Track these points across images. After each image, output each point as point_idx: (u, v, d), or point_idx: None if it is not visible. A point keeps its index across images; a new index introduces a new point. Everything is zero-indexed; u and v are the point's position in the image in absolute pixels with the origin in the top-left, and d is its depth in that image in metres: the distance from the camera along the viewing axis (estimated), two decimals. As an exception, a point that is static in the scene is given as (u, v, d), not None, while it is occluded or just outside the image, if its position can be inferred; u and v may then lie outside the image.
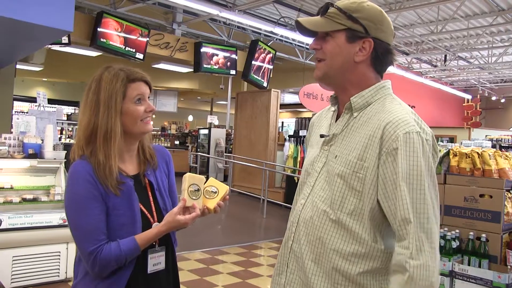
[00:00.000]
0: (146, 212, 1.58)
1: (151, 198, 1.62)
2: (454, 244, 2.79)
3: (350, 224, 1.28)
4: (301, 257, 1.35)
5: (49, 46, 8.42)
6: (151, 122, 1.63)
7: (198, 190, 1.54)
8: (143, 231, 1.52)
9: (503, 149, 4.18)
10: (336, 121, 1.40)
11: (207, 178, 1.60)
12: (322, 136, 1.41)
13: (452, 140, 13.65)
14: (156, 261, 1.58)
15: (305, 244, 1.34)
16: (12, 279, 3.92)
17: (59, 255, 4.17)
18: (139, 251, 1.50)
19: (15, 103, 10.95)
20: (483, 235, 2.71)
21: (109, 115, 1.50)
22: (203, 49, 10.49)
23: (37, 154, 4.33)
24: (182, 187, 1.54)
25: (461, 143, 7.53)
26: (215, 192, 1.57)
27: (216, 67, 10.80)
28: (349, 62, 1.33)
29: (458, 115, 17.44)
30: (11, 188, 4.25)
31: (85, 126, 1.53)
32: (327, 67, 1.35)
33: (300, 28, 1.36)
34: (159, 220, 1.57)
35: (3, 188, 4.21)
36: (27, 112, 6.11)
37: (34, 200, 4.21)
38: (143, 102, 1.58)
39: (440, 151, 3.18)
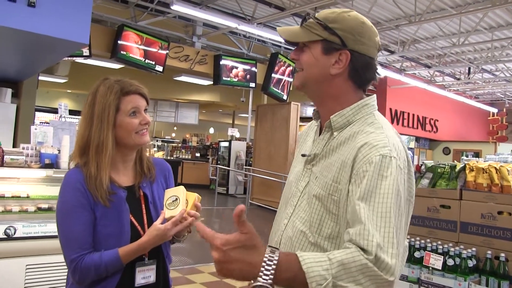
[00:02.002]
0: (137, 224, 1.57)
1: (144, 210, 1.61)
2: (471, 263, 2.67)
3: (328, 248, 1.21)
4: None
5: (72, 58, 8.61)
6: (147, 135, 1.62)
7: (177, 199, 1.54)
8: (130, 243, 1.50)
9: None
10: (319, 136, 1.35)
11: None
12: (303, 155, 1.35)
13: (477, 154, 13.35)
14: (145, 275, 1.56)
15: None
16: (25, 287, 3.94)
17: (72, 265, 4.18)
18: (121, 263, 1.48)
19: (40, 114, 11.24)
20: (502, 254, 2.59)
21: (102, 128, 1.52)
22: (222, 62, 10.56)
23: (53, 164, 4.39)
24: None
25: (486, 158, 7.31)
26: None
27: (235, 79, 10.85)
28: (324, 74, 1.27)
29: (483, 129, 17.04)
30: (27, 197, 4.31)
31: (80, 138, 1.56)
32: (303, 78, 1.31)
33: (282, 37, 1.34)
34: None
35: (19, 197, 4.27)
36: (49, 123, 6.22)
37: (49, 209, 4.25)
38: (138, 114, 1.57)
39: (456, 166, 3.09)
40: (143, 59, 8.96)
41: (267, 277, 0.97)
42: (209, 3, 8.79)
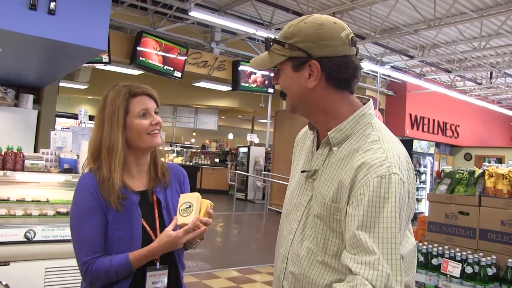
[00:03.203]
0: (148, 229, 1.57)
1: (156, 215, 1.62)
2: (490, 271, 2.61)
3: (337, 265, 1.19)
4: None
5: (93, 65, 8.77)
6: (159, 136, 1.63)
7: (190, 206, 1.53)
8: (141, 248, 1.51)
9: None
10: (317, 150, 1.31)
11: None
12: (303, 171, 1.32)
13: (500, 160, 13.08)
14: (156, 279, 1.56)
15: (294, 282, 1.27)
16: (44, 290, 4.01)
17: (89, 269, 4.23)
18: (131, 268, 1.49)
19: (61, 119, 11.43)
20: (523, 262, 2.53)
21: (112, 130, 1.54)
22: (241, 68, 10.61)
23: (72, 169, 4.46)
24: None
25: (509, 163, 7.16)
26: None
27: (254, 85, 10.88)
28: (304, 91, 1.23)
29: (506, 134, 16.71)
30: (47, 201, 4.38)
31: (93, 143, 1.58)
32: (290, 100, 1.28)
33: None
34: None
35: (39, 201, 4.35)
36: (69, 128, 6.34)
37: (68, 213, 4.31)
38: (148, 116, 1.59)
39: (475, 171, 3.02)
40: (162, 65, 9.06)
41: None
42: (227, 9, 8.85)
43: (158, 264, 1.57)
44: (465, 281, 2.59)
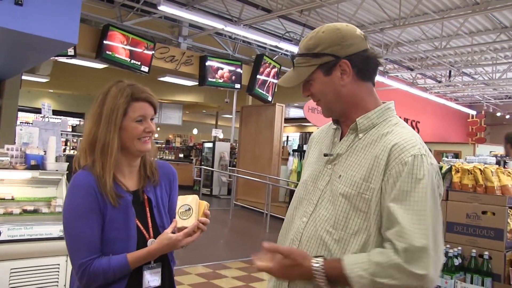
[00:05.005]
0: (142, 228, 1.58)
1: (148, 214, 1.62)
2: (457, 262, 2.74)
3: (354, 242, 1.27)
4: None
5: (56, 58, 8.50)
6: (150, 142, 1.63)
7: (189, 209, 1.54)
8: (137, 247, 1.52)
9: (506, 166, 4.14)
10: (340, 140, 1.40)
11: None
12: (326, 155, 1.40)
13: (457, 155, 13.56)
14: (151, 278, 1.57)
15: None
16: (10, 291, 3.88)
17: (59, 268, 4.14)
18: (129, 269, 1.49)
19: (21, 113, 11.04)
20: (486, 252, 2.67)
21: (108, 129, 1.52)
22: (208, 63, 10.55)
23: (39, 165, 4.34)
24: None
25: (466, 159, 7.47)
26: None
27: (221, 81, 10.85)
28: (339, 90, 1.34)
29: (463, 131, 17.38)
30: (12, 199, 4.24)
31: (87, 136, 1.56)
32: (326, 105, 1.38)
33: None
34: (155, 237, 1.57)
35: (4, 199, 4.20)
36: (31, 123, 6.13)
37: (35, 211, 4.19)
38: (144, 122, 1.59)
39: (442, 167, 3.15)
40: (129, 60, 8.89)
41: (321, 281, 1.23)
42: (195, 4, 8.78)
43: (152, 262, 1.58)
44: (434, 272, 2.71)
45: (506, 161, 4.19)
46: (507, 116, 18.32)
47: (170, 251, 1.56)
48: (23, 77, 8.86)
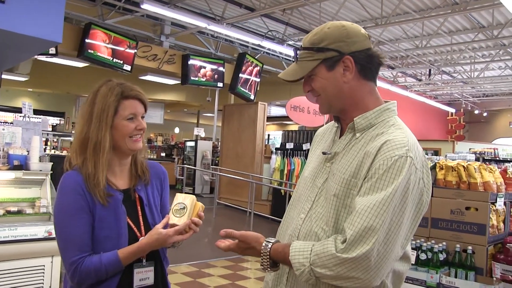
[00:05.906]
0: (133, 226, 1.58)
1: (140, 212, 1.62)
2: (441, 257, 2.81)
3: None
4: None
5: (36, 56, 8.36)
6: (141, 141, 1.63)
7: (184, 208, 1.55)
8: (129, 245, 1.52)
9: (486, 162, 4.25)
10: (339, 138, 1.42)
11: (193, 192, 1.59)
12: (324, 153, 1.42)
13: (436, 153, 13.79)
14: (143, 276, 1.57)
15: None
16: (-7, 293, 3.81)
17: (44, 269, 4.09)
18: (121, 265, 1.49)
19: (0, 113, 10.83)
20: (469, 247, 2.74)
21: (100, 128, 1.53)
22: (190, 62, 10.52)
23: (23, 165, 4.27)
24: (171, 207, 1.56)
25: (446, 156, 7.64)
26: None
27: (203, 79, 10.82)
28: (339, 87, 1.35)
29: (442, 128, 17.67)
30: (-5, 200, 4.16)
31: (78, 135, 1.56)
32: (326, 100, 1.39)
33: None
34: None
35: (-14, 200, 4.12)
36: (11, 123, 6.02)
37: (19, 212, 4.13)
38: (135, 120, 1.59)
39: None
40: (111, 58, 8.80)
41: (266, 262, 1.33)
42: (177, 2, 8.73)
43: (144, 261, 1.58)
44: (419, 267, 2.77)
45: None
46: (485, 114, 18.74)
47: (161, 247, 1.55)
48: (1, 76, 8.68)
